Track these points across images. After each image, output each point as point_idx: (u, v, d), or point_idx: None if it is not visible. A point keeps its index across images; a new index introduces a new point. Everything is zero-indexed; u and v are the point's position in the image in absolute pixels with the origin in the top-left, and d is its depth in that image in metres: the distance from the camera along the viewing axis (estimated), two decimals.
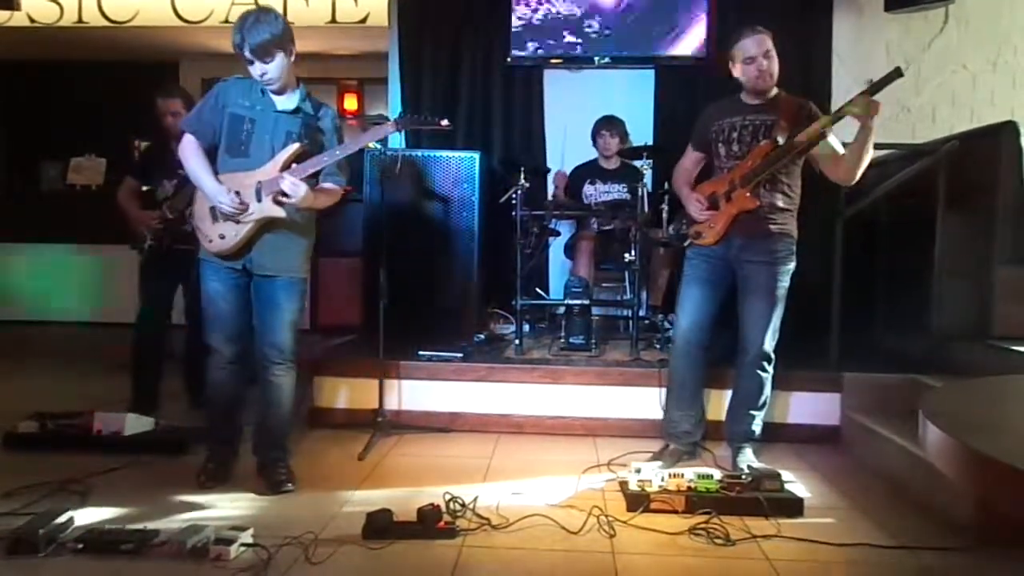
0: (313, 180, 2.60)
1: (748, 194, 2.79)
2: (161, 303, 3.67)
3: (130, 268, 3.77)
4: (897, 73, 2.50)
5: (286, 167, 2.52)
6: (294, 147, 2.54)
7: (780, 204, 2.83)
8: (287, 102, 2.60)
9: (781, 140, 2.73)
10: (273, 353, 2.66)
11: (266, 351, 2.66)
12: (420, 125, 2.76)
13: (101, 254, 5.43)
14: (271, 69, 2.49)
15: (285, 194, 2.49)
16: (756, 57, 2.79)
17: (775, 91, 2.88)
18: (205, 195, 2.59)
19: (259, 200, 2.53)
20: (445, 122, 2.70)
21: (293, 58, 2.55)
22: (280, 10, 5.74)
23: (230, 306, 2.65)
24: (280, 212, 2.53)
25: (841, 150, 2.73)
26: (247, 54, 2.46)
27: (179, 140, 2.67)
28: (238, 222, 2.55)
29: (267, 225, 2.58)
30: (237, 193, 2.52)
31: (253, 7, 2.50)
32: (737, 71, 2.85)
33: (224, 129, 2.58)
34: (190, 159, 2.60)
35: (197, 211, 2.67)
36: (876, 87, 2.54)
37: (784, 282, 2.85)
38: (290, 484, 2.66)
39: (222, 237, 2.58)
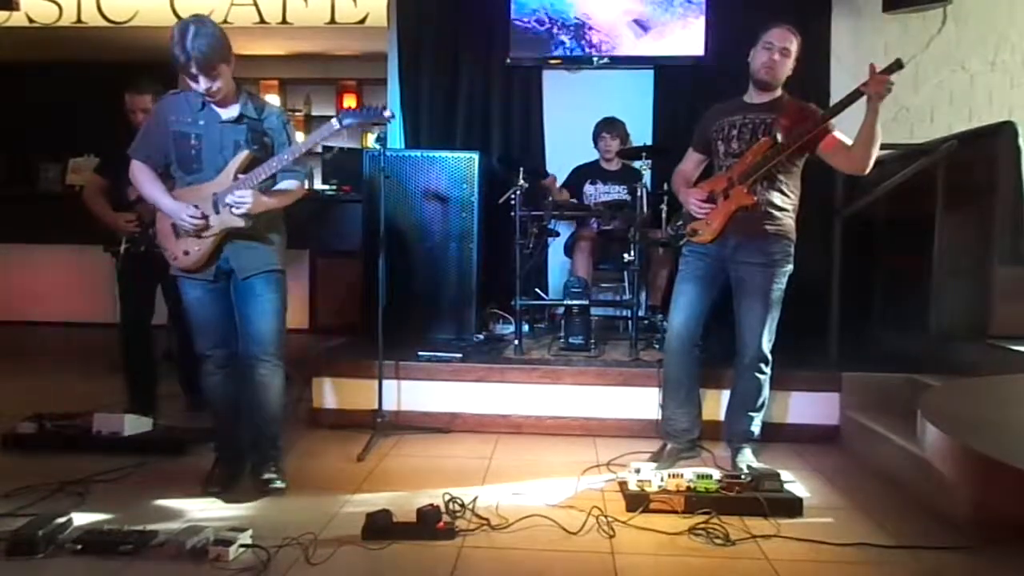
0: (270, 181, 2.59)
1: (746, 190, 2.79)
2: (143, 305, 3.60)
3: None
4: (898, 64, 2.52)
5: (238, 174, 2.52)
6: (242, 155, 2.52)
7: (777, 202, 2.83)
8: (230, 112, 2.56)
9: (780, 138, 2.73)
10: (256, 348, 2.61)
11: (249, 346, 2.62)
12: (364, 119, 2.67)
13: (100, 254, 5.43)
14: (216, 84, 2.45)
15: (235, 206, 2.49)
16: (772, 47, 2.80)
17: (779, 93, 2.88)
18: (166, 214, 2.58)
19: (217, 212, 2.52)
20: (388, 112, 2.67)
21: (233, 65, 2.51)
22: (279, 11, 5.80)
23: (212, 312, 2.64)
24: (239, 222, 2.51)
25: (849, 142, 2.72)
26: (193, 70, 2.40)
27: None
28: (200, 236, 2.55)
29: (230, 234, 2.56)
30: (196, 207, 2.52)
31: (187, 18, 2.42)
32: (751, 55, 2.86)
33: (173, 147, 2.56)
34: (143, 183, 2.60)
35: (160, 230, 2.65)
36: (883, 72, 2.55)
37: (780, 284, 2.85)
38: (279, 482, 2.63)
39: (187, 253, 2.58)
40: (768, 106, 2.85)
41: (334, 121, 2.60)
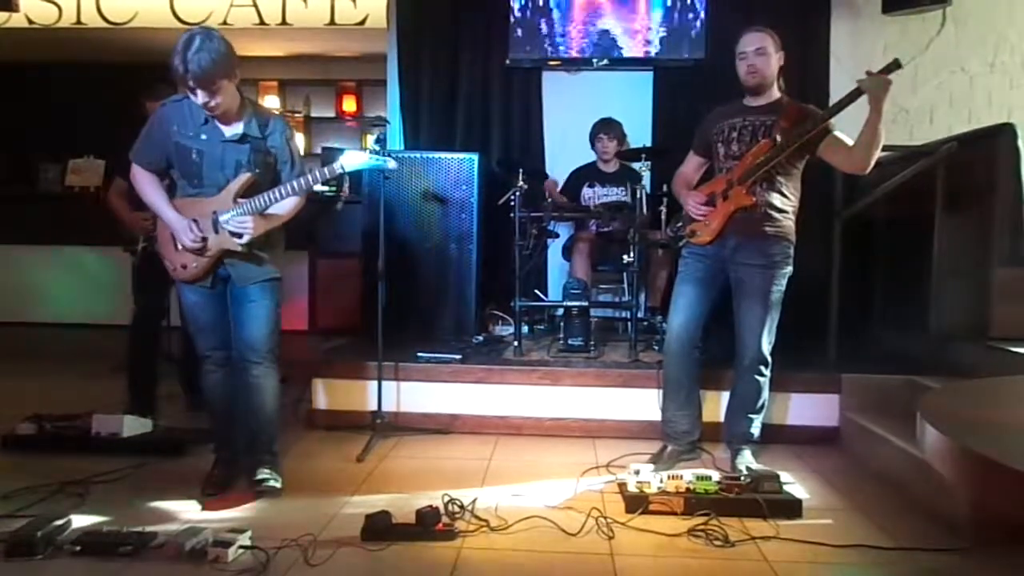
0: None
1: (745, 191, 2.80)
2: (155, 305, 3.64)
3: (128, 269, 3.75)
4: (896, 64, 2.53)
5: (237, 197, 2.50)
6: (244, 178, 2.51)
7: (777, 204, 2.83)
8: (234, 129, 2.53)
9: (780, 140, 2.74)
10: (249, 352, 2.60)
11: (242, 349, 2.61)
12: (371, 165, 2.67)
13: (100, 255, 5.44)
14: (216, 100, 2.39)
15: (236, 233, 2.48)
16: (747, 54, 2.82)
17: (778, 95, 2.88)
18: (167, 224, 2.57)
19: (216, 232, 2.52)
20: (392, 163, 2.68)
21: (237, 80, 2.47)
22: (279, 12, 5.80)
23: (210, 315, 2.63)
24: (236, 246, 2.51)
25: (850, 142, 2.73)
26: (190, 84, 2.35)
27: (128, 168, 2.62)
28: (198, 254, 2.55)
29: (228, 252, 2.55)
30: (195, 222, 2.51)
31: (196, 29, 2.39)
32: (737, 68, 2.87)
33: (175, 157, 2.55)
34: (145, 188, 2.59)
35: (160, 237, 2.65)
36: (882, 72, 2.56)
37: (779, 286, 2.85)
38: (272, 481, 2.61)
39: (184, 267, 2.58)
40: (768, 108, 2.85)
41: (336, 165, 2.57)
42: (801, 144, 2.73)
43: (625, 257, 3.75)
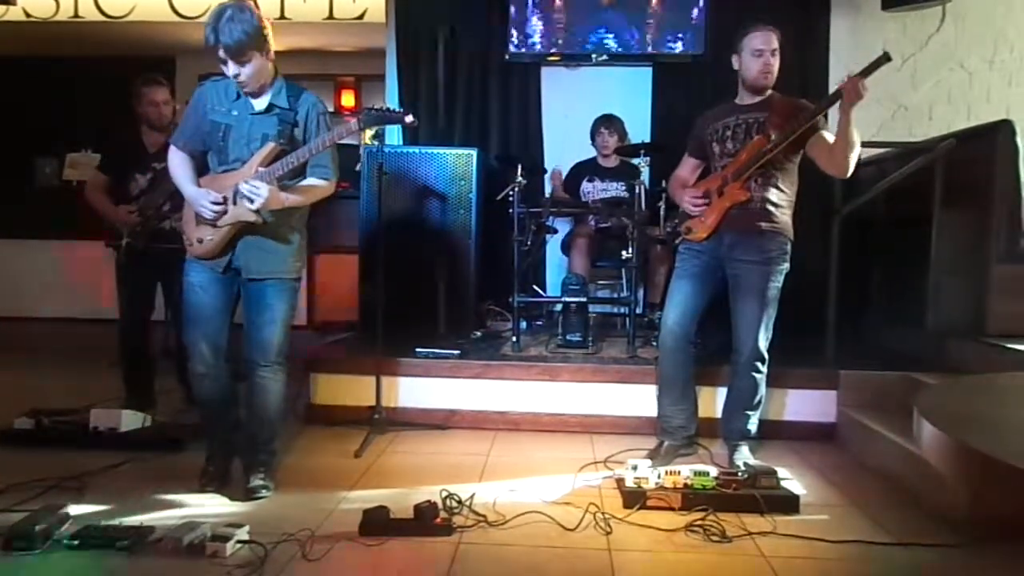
0: (300, 177, 2.55)
1: (739, 187, 2.80)
2: (141, 302, 3.59)
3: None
4: (885, 58, 2.53)
5: (259, 167, 2.47)
6: (267, 148, 2.47)
7: (772, 199, 2.83)
8: (261, 102, 2.51)
9: (774, 136, 2.74)
10: (258, 354, 2.58)
11: (252, 351, 2.59)
12: (385, 122, 2.65)
13: (98, 250, 5.45)
14: (245, 71, 2.40)
15: (248, 198, 2.42)
16: (764, 52, 2.80)
17: (770, 92, 2.89)
18: (188, 200, 2.57)
19: (235, 203, 2.48)
20: (410, 118, 2.61)
21: (271, 56, 2.46)
22: (277, 7, 5.78)
23: (210, 298, 2.58)
24: (250, 216, 2.45)
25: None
26: (220, 54, 2.36)
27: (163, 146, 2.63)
28: (215, 226, 2.52)
29: (247, 227, 2.51)
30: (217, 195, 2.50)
31: (229, 1, 2.38)
32: (739, 63, 2.86)
33: (208, 136, 2.54)
34: (175, 170, 2.59)
35: (185, 214, 2.64)
36: (864, 73, 2.57)
37: (776, 282, 2.85)
38: (265, 491, 2.57)
39: (201, 241, 2.55)
40: (760, 105, 2.86)
41: (353, 122, 2.53)
42: (794, 138, 2.73)
43: (624, 253, 3.75)
